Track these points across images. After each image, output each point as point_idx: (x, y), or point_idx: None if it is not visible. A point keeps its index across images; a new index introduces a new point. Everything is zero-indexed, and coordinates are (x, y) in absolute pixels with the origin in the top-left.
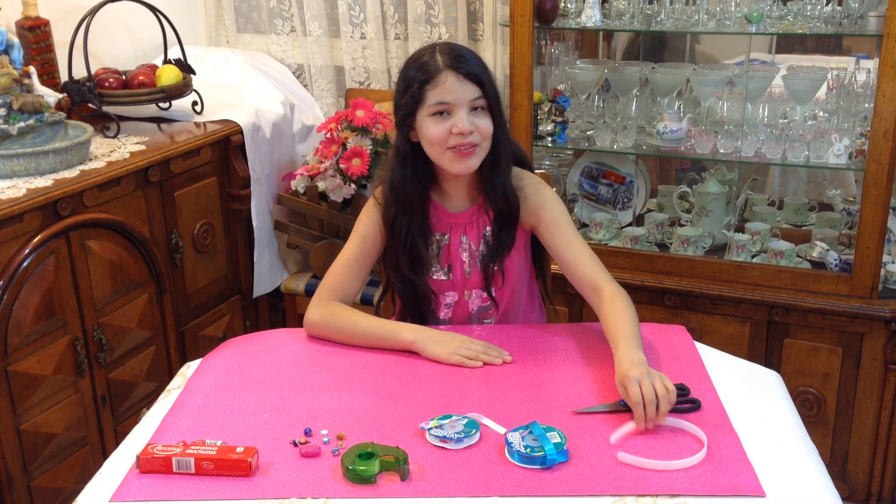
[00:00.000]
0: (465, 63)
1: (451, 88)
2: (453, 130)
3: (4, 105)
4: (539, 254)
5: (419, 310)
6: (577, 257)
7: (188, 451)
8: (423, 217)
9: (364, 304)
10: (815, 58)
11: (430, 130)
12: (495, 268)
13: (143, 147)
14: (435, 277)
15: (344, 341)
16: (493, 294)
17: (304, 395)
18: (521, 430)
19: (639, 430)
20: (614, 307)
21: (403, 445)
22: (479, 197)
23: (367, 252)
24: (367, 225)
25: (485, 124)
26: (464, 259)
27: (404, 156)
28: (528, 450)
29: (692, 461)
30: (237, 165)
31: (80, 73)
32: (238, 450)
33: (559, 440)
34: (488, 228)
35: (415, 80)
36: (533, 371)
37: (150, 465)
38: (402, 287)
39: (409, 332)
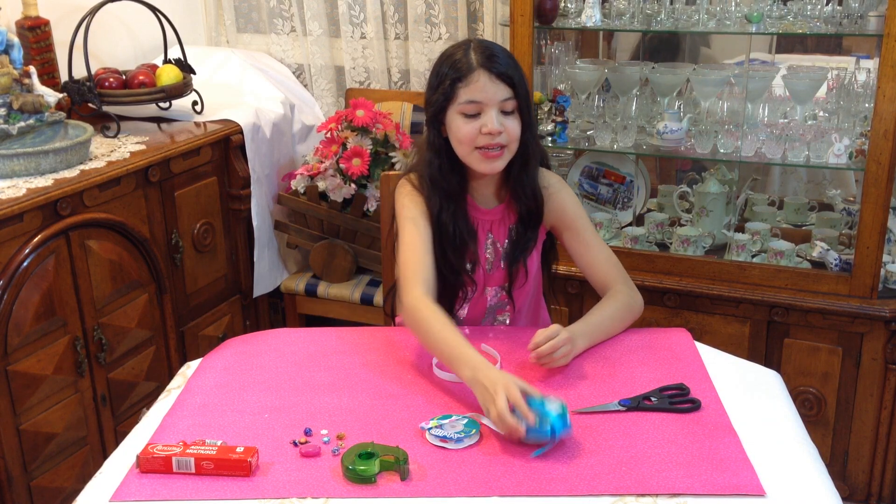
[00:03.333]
0: (498, 63)
1: (483, 88)
2: (483, 130)
3: (4, 105)
4: (546, 252)
5: (444, 303)
6: (594, 261)
7: (188, 450)
8: (464, 207)
9: (364, 303)
10: (815, 58)
11: (459, 129)
12: (520, 266)
13: (143, 147)
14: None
15: (423, 345)
16: (513, 292)
17: (304, 395)
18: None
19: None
20: (605, 300)
21: (403, 445)
22: (506, 195)
23: (427, 232)
24: (412, 207)
25: (513, 126)
26: (487, 255)
27: (439, 148)
28: (536, 423)
29: None
30: (237, 165)
31: (80, 72)
32: (238, 450)
33: (560, 411)
34: (513, 227)
35: (447, 77)
36: (533, 371)
37: (150, 464)
38: (448, 277)
39: (466, 370)
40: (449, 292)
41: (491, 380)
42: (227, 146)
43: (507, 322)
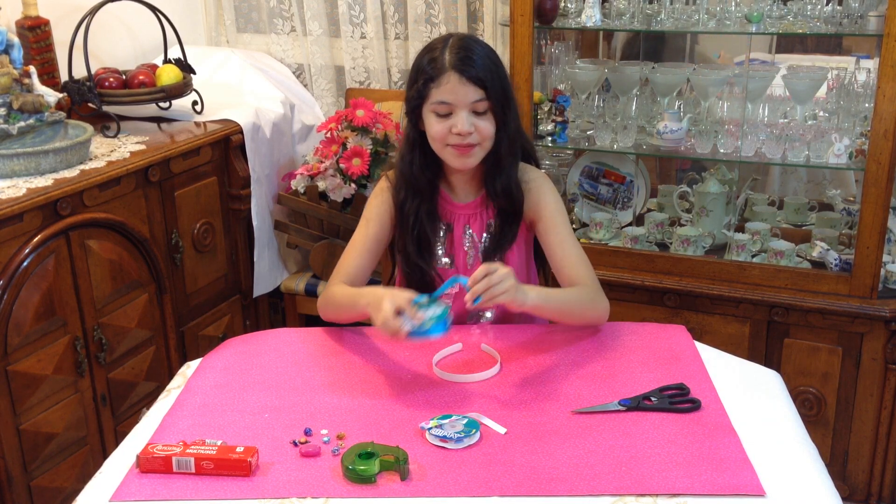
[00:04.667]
0: (471, 66)
1: (453, 90)
2: (453, 130)
3: (4, 105)
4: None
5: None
6: (565, 256)
7: (188, 450)
8: (432, 203)
9: None
10: (815, 57)
11: (432, 126)
12: (497, 260)
13: (143, 147)
14: (438, 266)
15: (337, 317)
16: None
17: (304, 395)
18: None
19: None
20: (569, 287)
21: (403, 445)
22: (483, 189)
23: (375, 234)
24: (374, 206)
25: (485, 126)
26: (466, 249)
27: (413, 142)
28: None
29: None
30: (237, 165)
31: (80, 72)
32: (238, 449)
33: (439, 312)
34: (492, 221)
35: (422, 74)
36: (533, 371)
37: (150, 464)
38: (410, 273)
39: (362, 300)
40: (428, 288)
41: (377, 296)
42: (227, 146)
43: (490, 317)
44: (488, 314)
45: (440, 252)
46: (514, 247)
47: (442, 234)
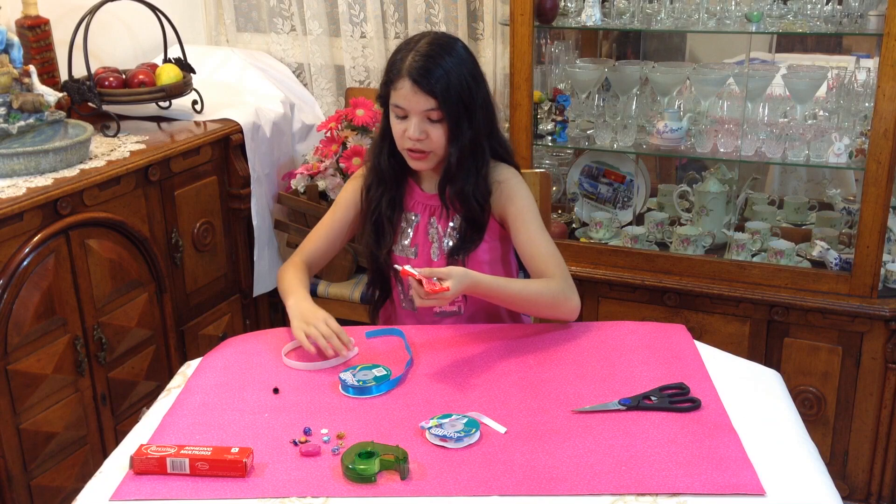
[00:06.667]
0: (426, 76)
1: (406, 96)
2: (406, 134)
3: (4, 104)
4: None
5: (383, 283)
6: (534, 251)
7: (182, 451)
8: (398, 193)
9: (364, 303)
10: (815, 57)
11: (393, 125)
12: (459, 259)
13: (143, 146)
14: (401, 254)
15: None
16: None
17: (304, 394)
18: (351, 370)
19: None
20: (535, 279)
21: (403, 444)
22: None
23: (341, 218)
24: (346, 192)
25: (437, 135)
26: (431, 240)
27: (384, 132)
28: (361, 382)
29: None
30: (237, 164)
31: (80, 72)
32: (233, 450)
33: (384, 373)
34: (457, 218)
35: (387, 73)
36: (533, 371)
37: (144, 466)
38: (368, 259)
39: (290, 299)
40: (385, 275)
41: (311, 308)
42: (227, 145)
43: (461, 312)
44: (454, 308)
45: (406, 242)
46: (484, 244)
47: (406, 224)
